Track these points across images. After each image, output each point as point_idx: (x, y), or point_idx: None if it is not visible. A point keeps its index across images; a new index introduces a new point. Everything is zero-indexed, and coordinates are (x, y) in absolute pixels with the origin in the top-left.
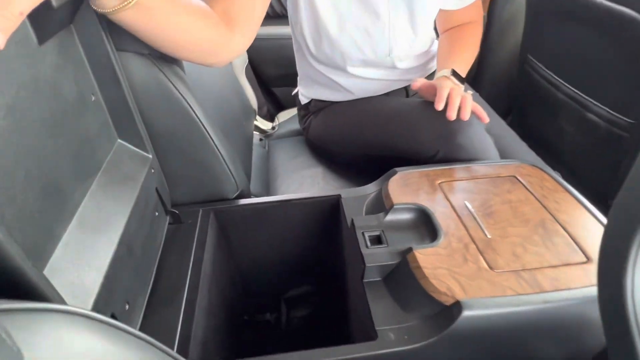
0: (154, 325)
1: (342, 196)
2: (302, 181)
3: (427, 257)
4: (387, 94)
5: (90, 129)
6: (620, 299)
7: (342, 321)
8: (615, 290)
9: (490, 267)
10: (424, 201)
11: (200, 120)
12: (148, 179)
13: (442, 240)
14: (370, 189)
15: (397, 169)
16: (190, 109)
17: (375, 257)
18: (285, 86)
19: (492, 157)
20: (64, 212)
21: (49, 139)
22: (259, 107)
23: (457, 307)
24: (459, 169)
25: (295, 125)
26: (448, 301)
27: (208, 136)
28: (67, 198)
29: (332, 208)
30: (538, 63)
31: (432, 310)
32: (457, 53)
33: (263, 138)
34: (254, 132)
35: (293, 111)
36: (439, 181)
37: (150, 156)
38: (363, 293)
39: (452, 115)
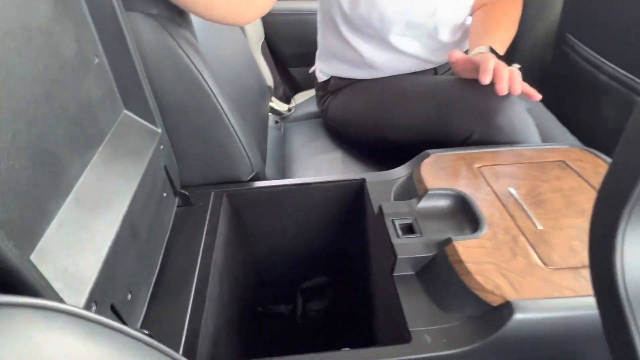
0: (159, 317)
1: (367, 180)
2: (320, 166)
3: (469, 250)
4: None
5: (92, 95)
6: (611, 277)
7: (364, 317)
8: (606, 268)
9: (544, 263)
10: (463, 187)
11: (213, 92)
12: (156, 156)
13: (485, 231)
14: (399, 172)
15: (429, 150)
16: (202, 81)
17: (408, 248)
18: (303, 66)
19: (534, 141)
20: (59, 187)
21: (42, 100)
22: (275, 88)
23: (508, 308)
24: (500, 152)
25: (313, 107)
26: (496, 301)
27: (222, 111)
28: (62, 170)
29: (355, 193)
30: (578, 42)
31: (477, 311)
32: (494, 29)
33: (279, 120)
34: (269, 113)
35: (311, 92)
36: (478, 165)
37: (160, 130)
38: (393, 288)
39: (503, 88)
